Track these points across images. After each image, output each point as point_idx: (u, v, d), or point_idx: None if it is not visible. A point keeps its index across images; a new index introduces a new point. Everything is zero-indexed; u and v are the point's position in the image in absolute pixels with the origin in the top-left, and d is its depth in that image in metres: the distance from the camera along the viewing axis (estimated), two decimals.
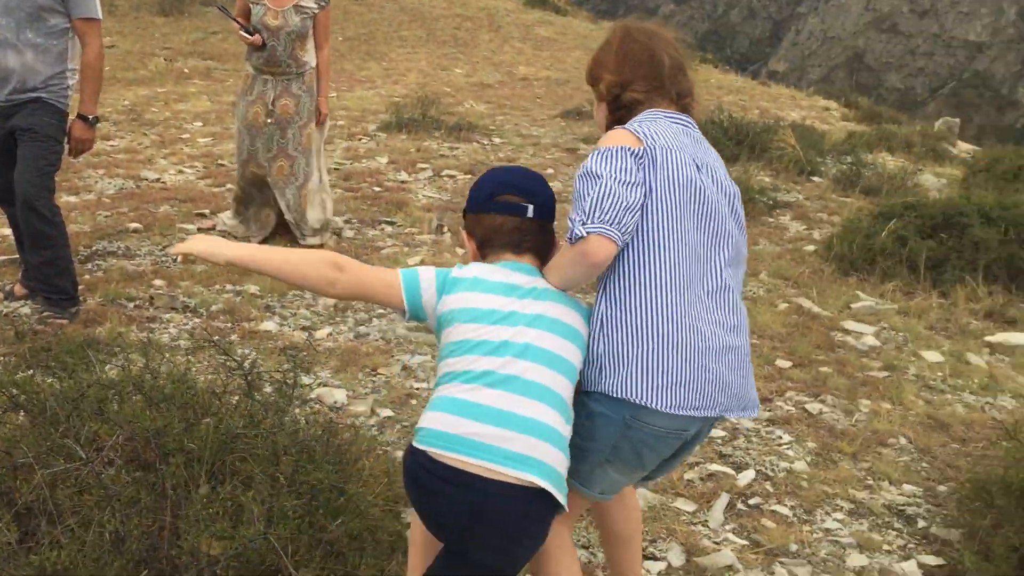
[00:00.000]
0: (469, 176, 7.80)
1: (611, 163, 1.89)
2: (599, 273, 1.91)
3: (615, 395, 1.88)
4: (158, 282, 4.80)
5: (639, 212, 1.89)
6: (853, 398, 3.85)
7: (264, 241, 5.66)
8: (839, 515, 3.01)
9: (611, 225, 1.84)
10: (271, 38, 5.37)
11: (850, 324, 4.67)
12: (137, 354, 3.51)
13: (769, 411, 3.69)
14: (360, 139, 9.18)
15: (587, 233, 1.83)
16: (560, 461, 1.86)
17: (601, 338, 1.92)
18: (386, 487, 2.75)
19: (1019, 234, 5.25)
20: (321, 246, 5.64)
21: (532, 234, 2.00)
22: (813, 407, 3.74)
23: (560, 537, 2.03)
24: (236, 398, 2.72)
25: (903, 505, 3.10)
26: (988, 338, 4.59)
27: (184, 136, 8.72)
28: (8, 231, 5.49)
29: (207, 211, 6.22)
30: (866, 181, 7.71)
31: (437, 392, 1.91)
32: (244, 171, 5.58)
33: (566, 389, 1.90)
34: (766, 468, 3.26)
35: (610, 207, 1.84)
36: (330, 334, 4.29)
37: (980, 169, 7.97)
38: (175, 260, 5.16)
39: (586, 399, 1.94)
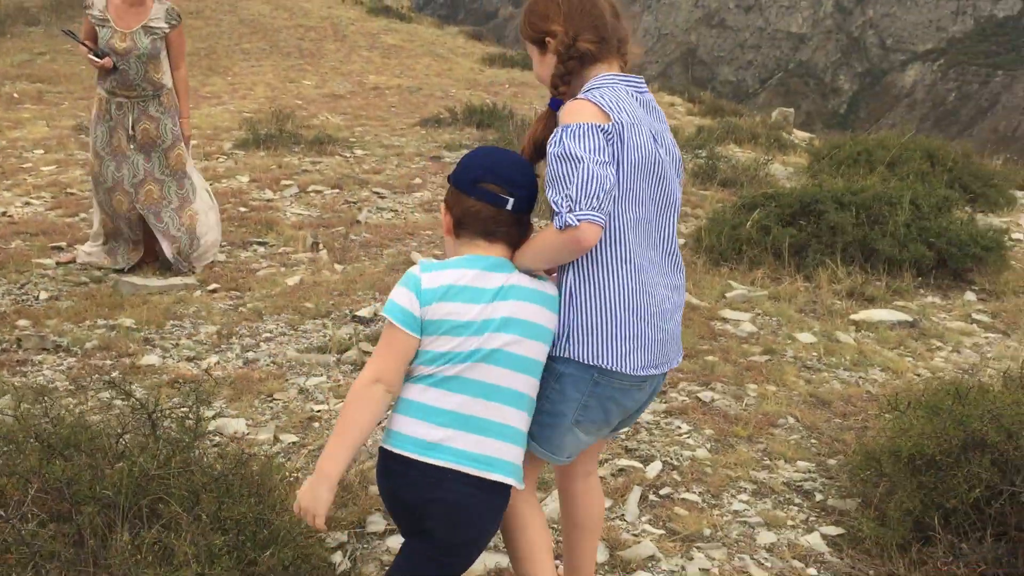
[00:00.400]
0: (336, 191, 7.71)
1: (587, 142, 1.91)
2: None
3: (585, 362, 2.01)
4: (22, 322, 4.53)
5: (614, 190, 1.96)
6: (741, 383, 4.03)
7: (130, 271, 5.43)
8: (744, 496, 3.15)
9: (598, 211, 1.89)
10: (121, 61, 5.15)
11: (727, 312, 4.88)
12: (14, 400, 3.31)
13: (666, 403, 3.82)
14: (217, 158, 8.91)
15: (579, 221, 1.87)
16: (519, 455, 2.02)
17: (570, 309, 2.02)
18: None
19: (869, 217, 5.61)
20: (192, 271, 5.46)
21: (507, 225, 2.03)
22: (705, 395, 3.89)
23: (528, 495, 2.16)
24: (142, 437, 2.61)
25: (800, 481, 3.27)
26: (852, 316, 4.89)
27: (25, 165, 8.24)
28: None
29: (63, 244, 5.90)
30: (722, 174, 8.05)
31: (406, 394, 1.98)
32: (111, 199, 5.33)
33: (531, 388, 2.02)
34: (671, 458, 3.38)
35: (594, 192, 1.88)
36: (218, 362, 4.16)
37: (823, 156, 8.45)
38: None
39: (554, 363, 2.05)
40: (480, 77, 19.04)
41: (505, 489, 1.99)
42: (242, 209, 6.97)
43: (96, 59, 5.15)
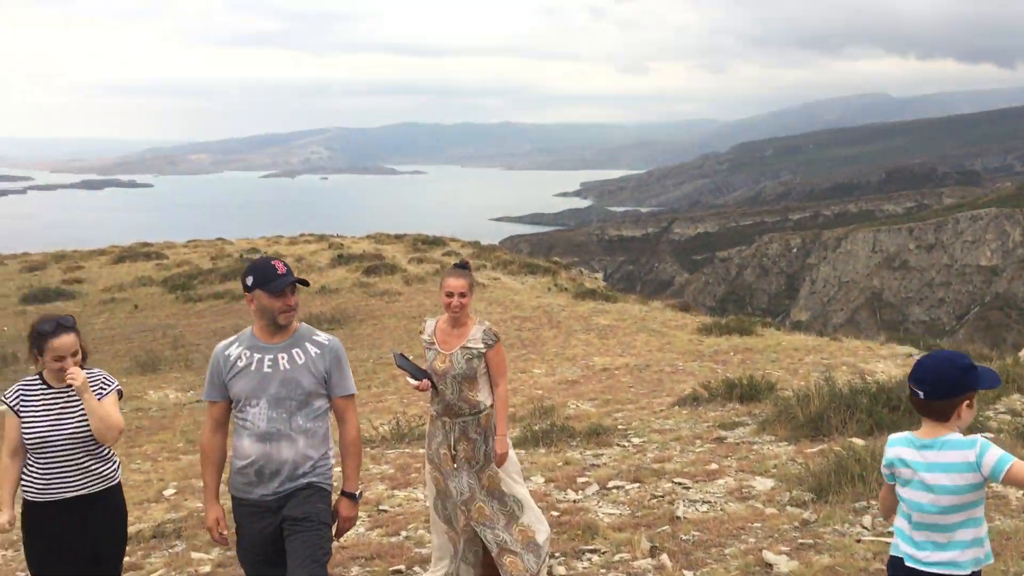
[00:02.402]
0: (636, 484, 7.46)
1: None
2: None
3: None
4: None
5: None
6: None
7: None
8: None
9: None
10: (440, 381, 5.28)
11: None
12: None
13: None
14: None
15: None
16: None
17: None
18: None
19: None
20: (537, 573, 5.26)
21: (926, 409, 3.23)
22: None
23: None
24: None
25: None
26: None
27: None
28: None
29: (402, 567, 5.86)
30: None
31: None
32: (455, 515, 5.30)
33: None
34: None
35: None
36: None
37: None
38: None
39: None
40: (702, 348, 18.94)
41: None
42: (554, 513, 6.80)
43: (413, 380, 5.29)
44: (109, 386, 4.25)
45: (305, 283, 3.97)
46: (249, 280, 3.85)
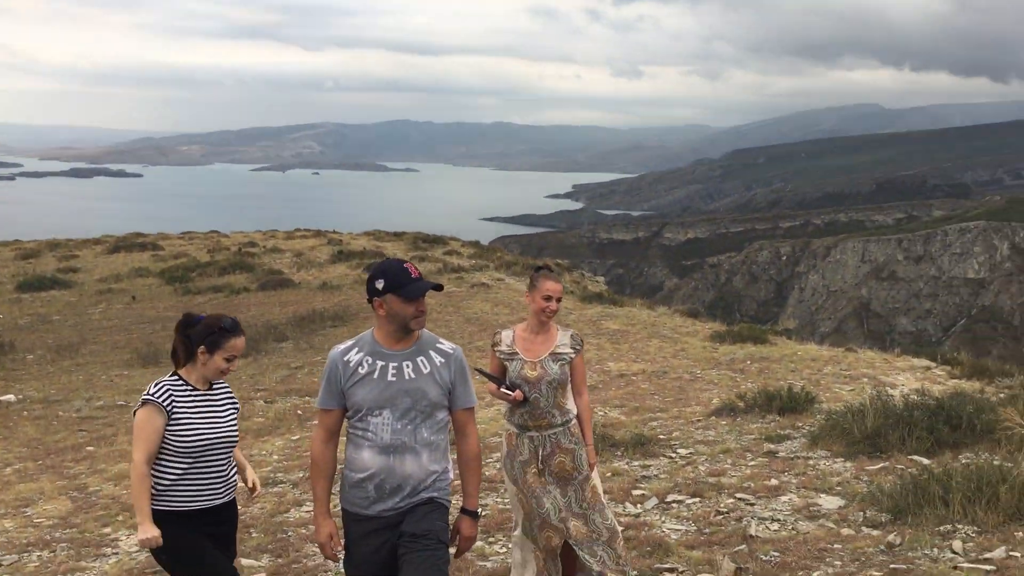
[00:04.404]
0: (697, 499, 7.19)
1: None
2: None
3: None
4: None
5: None
6: None
7: None
8: None
9: None
10: (532, 390, 5.02)
11: None
12: None
13: None
14: None
15: None
16: None
17: None
18: None
19: None
20: None
21: None
22: None
23: None
24: None
25: None
26: None
27: None
28: None
29: None
30: None
31: None
32: (540, 537, 5.01)
33: None
34: None
35: None
36: None
37: None
38: None
39: None
40: (716, 355, 18.68)
41: None
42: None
43: (508, 392, 5.03)
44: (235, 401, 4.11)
45: (440, 288, 3.68)
46: (380, 283, 3.56)
